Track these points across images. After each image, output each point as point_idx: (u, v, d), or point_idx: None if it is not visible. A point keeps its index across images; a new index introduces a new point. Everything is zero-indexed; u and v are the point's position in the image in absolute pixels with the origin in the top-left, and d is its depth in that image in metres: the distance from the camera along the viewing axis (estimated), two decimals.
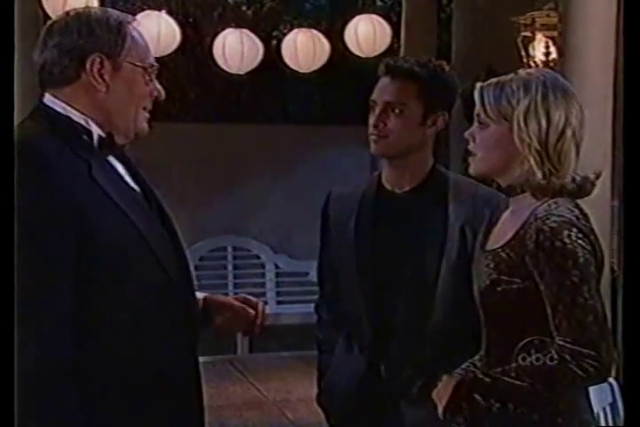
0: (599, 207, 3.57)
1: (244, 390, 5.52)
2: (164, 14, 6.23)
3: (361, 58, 6.36)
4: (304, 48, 6.45)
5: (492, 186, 1.99)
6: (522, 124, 1.77)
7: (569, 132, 1.79)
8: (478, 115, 1.83)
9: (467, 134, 1.85)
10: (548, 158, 1.78)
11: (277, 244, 7.82)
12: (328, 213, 2.34)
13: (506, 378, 1.73)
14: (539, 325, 1.75)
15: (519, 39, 5.47)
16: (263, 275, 7.86)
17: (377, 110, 2.21)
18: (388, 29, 6.49)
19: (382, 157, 2.26)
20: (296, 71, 6.61)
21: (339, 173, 6.74)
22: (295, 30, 6.56)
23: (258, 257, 7.82)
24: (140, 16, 6.28)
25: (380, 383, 2.21)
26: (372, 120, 2.23)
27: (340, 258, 2.30)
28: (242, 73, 6.28)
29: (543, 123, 1.77)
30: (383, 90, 2.22)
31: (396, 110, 2.20)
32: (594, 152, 3.34)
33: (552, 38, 5.29)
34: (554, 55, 5.26)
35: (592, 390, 1.90)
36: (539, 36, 5.40)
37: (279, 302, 7.79)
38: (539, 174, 1.77)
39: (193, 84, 7.89)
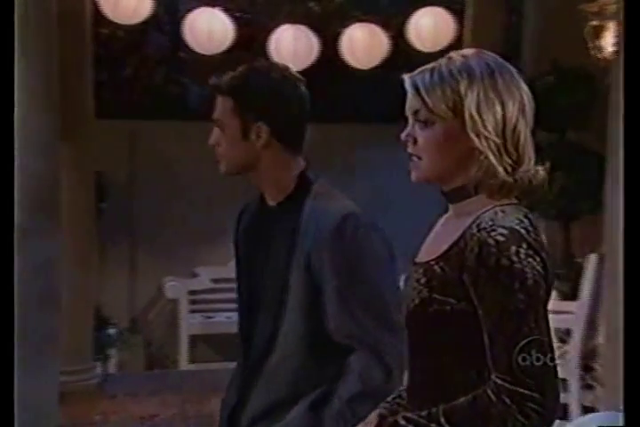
0: None
1: None
2: (217, 11, 6.10)
3: (422, 53, 6.10)
4: (363, 44, 6.22)
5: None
6: (476, 116, 1.50)
7: (523, 120, 1.53)
8: (416, 112, 1.55)
9: (404, 136, 1.57)
10: (507, 152, 1.52)
11: None
12: (237, 228, 2.25)
13: (432, 425, 1.46)
14: (473, 356, 1.48)
15: (586, 29, 5.08)
16: None
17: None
18: (451, 22, 6.20)
19: (232, 174, 2.14)
20: (357, 68, 6.40)
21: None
22: (353, 25, 6.33)
23: None
24: (194, 13, 6.19)
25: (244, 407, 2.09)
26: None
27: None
28: (297, 70, 6.08)
29: (498, 111, 1.51)
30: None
31: (220, 127, 2.07)
32: None
33: None
34: None
35: None
36: (608, 25, 5.00)
37: None
38: (501, 171, 1.51)
39: None
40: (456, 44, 6.17)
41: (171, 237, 7.55)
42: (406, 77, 1.56)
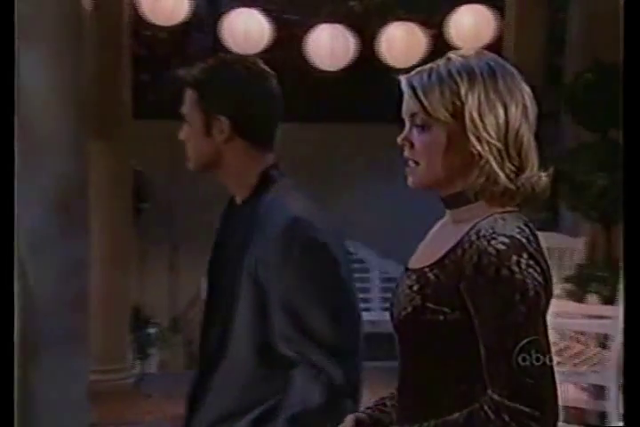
0: None
1: None
2: (254, 11, 6.09)
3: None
4: (401, 43, 6.15)
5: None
6: (477, 120, 1.43)
7: (526, 124, 1.46)
8: (413, 115, 1.48)
9: (400, 139, 1.50)
10: (509, 157, 1.45)
11: (384, 248, 7.55)
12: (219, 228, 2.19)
13: None
14: (466, 367, 1.41)
15: None
16: (368, 279, 7.63)
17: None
18: (492, 20, 6.10)
19: (200, 171, 2.06)
20: (395, 67, 6.33)
21: None
22: (392, 24, 6.27)
23: (362, 261, 7.59)
24: (231, 13, 6.20)
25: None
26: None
27: None
28: (334, 70, 6.05)
29: (500, 114, 1.44)
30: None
31: (188, 122, 2.00)
32: None
33: None
34: None
35: None
36: None
37: (385, 309, 7.53)
38: (503, 178, 1.44)
39: (291, 82, 7.68)
40: (497, 42, 6.07)
41: (210, 238, 7.57)
42: (402, 78, 1.49)
